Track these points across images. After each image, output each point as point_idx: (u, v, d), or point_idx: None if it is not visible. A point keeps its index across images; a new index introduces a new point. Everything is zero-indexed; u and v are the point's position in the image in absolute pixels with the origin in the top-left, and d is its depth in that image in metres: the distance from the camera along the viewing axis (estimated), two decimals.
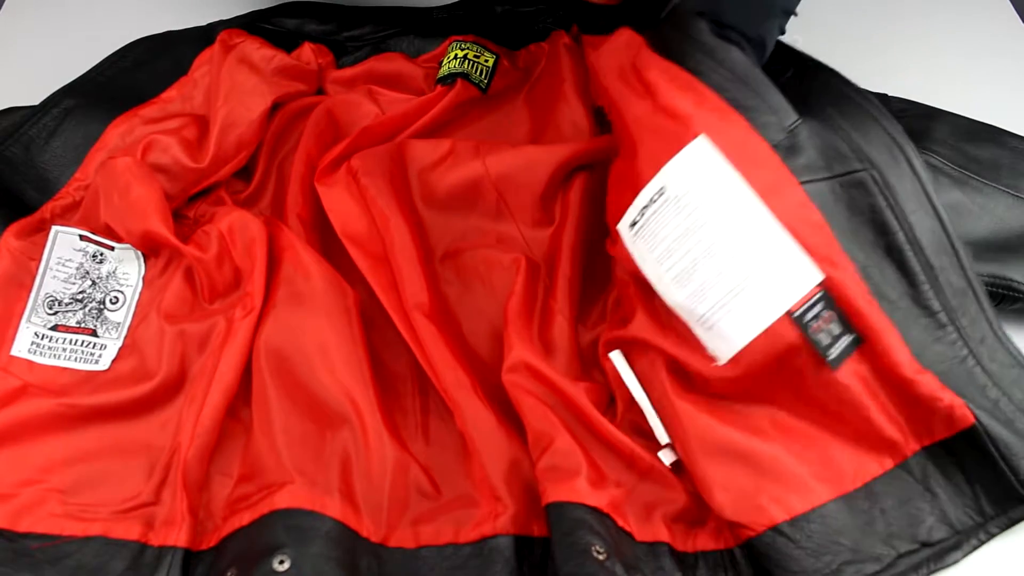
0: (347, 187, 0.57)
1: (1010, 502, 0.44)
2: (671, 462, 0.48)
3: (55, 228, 0.54)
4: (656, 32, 0.55)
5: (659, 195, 0.47)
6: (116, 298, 0.54)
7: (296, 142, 0.61)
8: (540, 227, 0.58)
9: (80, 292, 0.54)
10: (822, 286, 0.44)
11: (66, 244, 0.54)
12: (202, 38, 0.65)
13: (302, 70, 0.64)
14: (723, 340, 0.45)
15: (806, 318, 0.43)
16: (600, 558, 0.42)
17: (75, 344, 0.53)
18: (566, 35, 0.65)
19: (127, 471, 0.49)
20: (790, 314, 0.43)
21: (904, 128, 0.50)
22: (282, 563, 0.42)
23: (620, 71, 0.54)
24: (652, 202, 0.47)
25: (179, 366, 0.52)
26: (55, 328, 0.53)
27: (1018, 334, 0.49)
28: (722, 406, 0.47)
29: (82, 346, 0.53)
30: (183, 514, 0.46)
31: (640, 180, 0.48)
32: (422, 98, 0.62)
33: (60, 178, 0.57)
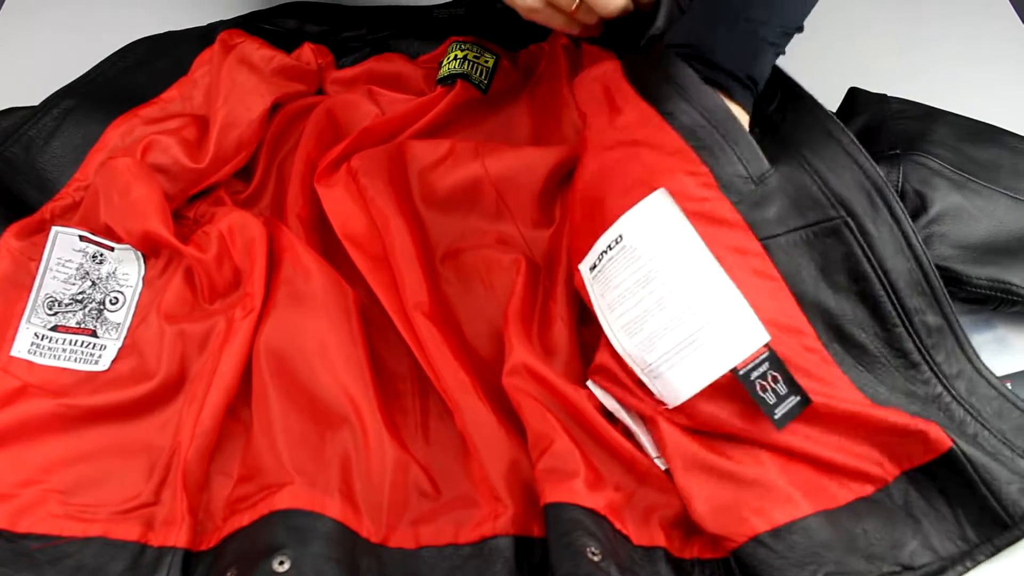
0: (347, 187, 0.57)
1: (993, 528, 0.44)
2: (666, 468, 0.48)
3: (55, 229, 0.54)
4: (636, 61, 0.54)
5: (616, 243, 0.47)
6: (116, 299, 0.54)
7: (296, 142, 0.61)
8: (540, 227, 0.58)
9: (80, 293, 0.54)
10: (767, 347, 0.44)
11: (66, 245, 0.54)
12: (202, 38, 0.65)
13: (302, 70, 0.64)
14: (669, 390, 0.46)
15: (752, 376, 0.44)
16: (595, 559, 0.42)
17: (75, 345, 0.53)
18: (564, 36, 0.65)
19: (127, 471, 0.49)
20: (735, 371, 0.44)
21: (903, 129, 0.50)
22: (282, 564, 0.42)
23: (596, 100, 0.55)
24: (610, 248, 0.48)
25: (179, 366, 0.52)
26: (55, 329, 0.53)
27: (1018, 334, 0.49)
28: (703, 434, 0.47)
29: (82, 347, 0.53)
30: (183, 514, 0.46)
31: (605, 220, 0.48)
32: (422, 99, 0.62)
33: (60, 178, 0.57)
